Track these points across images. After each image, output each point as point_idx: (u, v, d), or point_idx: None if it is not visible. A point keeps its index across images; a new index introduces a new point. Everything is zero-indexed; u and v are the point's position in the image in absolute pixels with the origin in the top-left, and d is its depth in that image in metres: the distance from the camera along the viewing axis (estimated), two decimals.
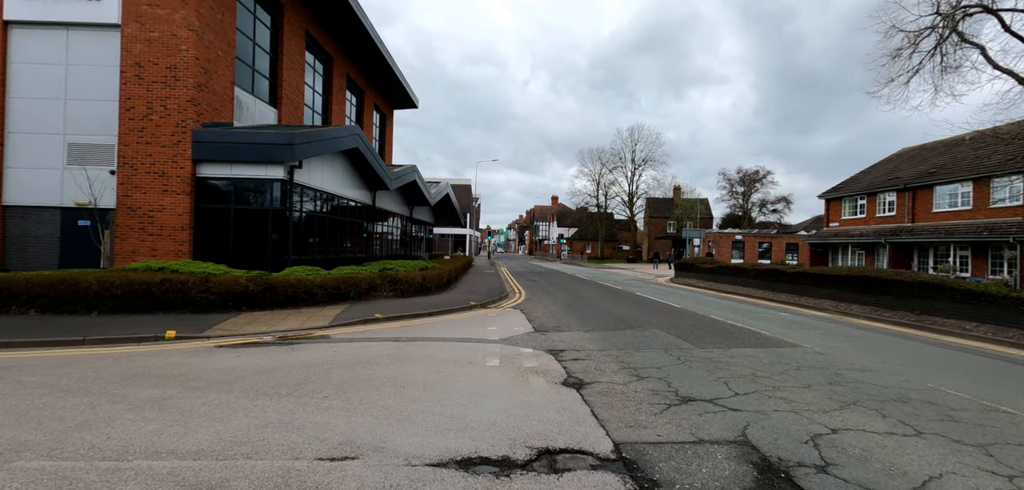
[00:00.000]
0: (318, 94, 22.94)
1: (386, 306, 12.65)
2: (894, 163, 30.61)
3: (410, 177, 24.47)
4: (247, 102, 16.65)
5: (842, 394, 6.12)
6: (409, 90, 31.75)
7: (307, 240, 15.82)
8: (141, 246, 13.58)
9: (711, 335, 10.19)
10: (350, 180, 19.29)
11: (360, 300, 13.55)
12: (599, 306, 14.93)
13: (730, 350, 8.66)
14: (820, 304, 16.28)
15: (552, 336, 9.72)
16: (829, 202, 32.34)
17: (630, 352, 8.32)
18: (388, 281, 14.86)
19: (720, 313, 13.98)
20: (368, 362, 7.16)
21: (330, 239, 17.71)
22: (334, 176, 17.71)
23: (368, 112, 29.32)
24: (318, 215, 16.61)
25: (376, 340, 8.85)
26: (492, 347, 8.51)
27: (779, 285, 19.34)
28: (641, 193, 68.65)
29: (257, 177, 13.95)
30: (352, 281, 13.44)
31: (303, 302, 12.05)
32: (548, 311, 13.59)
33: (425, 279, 16.15)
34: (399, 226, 28.56)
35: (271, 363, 6.98)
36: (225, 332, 9.00)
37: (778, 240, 50.75)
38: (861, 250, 28.65)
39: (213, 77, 14.40)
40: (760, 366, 7.50)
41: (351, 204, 19.62)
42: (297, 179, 14.71)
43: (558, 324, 11.28)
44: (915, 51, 13.16)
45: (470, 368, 7.00)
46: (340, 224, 18.62)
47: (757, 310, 15.27)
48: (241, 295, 11.04)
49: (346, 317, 10.82)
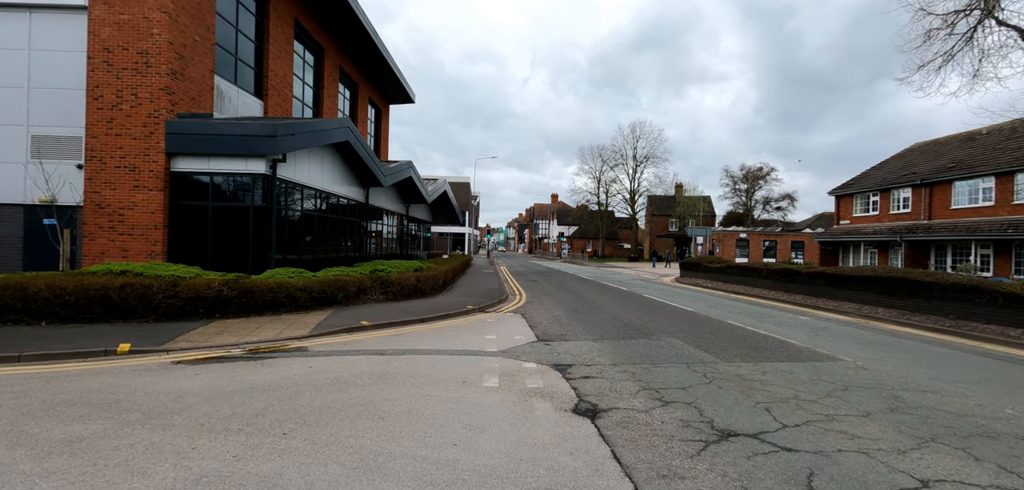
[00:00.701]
0: (309, 87, 21.89)
1: (376, 311, 11.62)
2: (906, 159, 29.58)
3: (405, 173, 23.43)
4: (229, 93, 15.60)
5: (913, 426, 5.09)
6: (405, 84, 30.69)
7: (293, 240, 14.79)
8: (111, 247, 12.54)
9: (734, 345, 9.16)
10: (341, 176, 18.25)
11: (348, 304, 12.52)
12: (606, 310, 13.90)
13: (760, 364, 7.63)
14: (841, 307, 15.26)
15: (557, 347, 8.69)
16: (839, 199, 31.31)
17: (647, 367, 7.29)
18: (379, 283, 13.82)
19: (737, 318, 12.95)
20: (345, 383, 6.13)
21: (319, 239, 16.67)
22: (323, 171, 16.67)
23: (363, 107, 28.26)
24: (306, 213, 15.57)
25: (359, 353, 7.81)
26: (490, 361, 7.48)
27: (794, 286, 18.32)
28: (643, 191, 67.66)
29: (237, 171, 12.91)
30: (339, 284, 12.41)
31: (284, 308, 11.01)
32: (551, 316, 12.57)
33: (419, 281, 15.12)
34: (395, 225, 27.53)
35: (231, 384, 5.95)
36: (189, 344, 7.97)
37: (783, 238, 49.72)
38: (874, 248, 27.63)
39: (189, 64, 13.34)
40: (800, 386, 6.47)
41: (342, 201, 18.59)
42: (281, 174, 13.67)
43: (563, 331, 10.26)
44: (950, 33, 12.12)
45: (464, 391, 5.97)
46: (331, 222, 17.59)
47: (775, 314, 14.25)
48: (213, 301, 10.00)
49: (329, 325, 9.78)
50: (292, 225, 14.73)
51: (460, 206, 58.92)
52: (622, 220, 79.89)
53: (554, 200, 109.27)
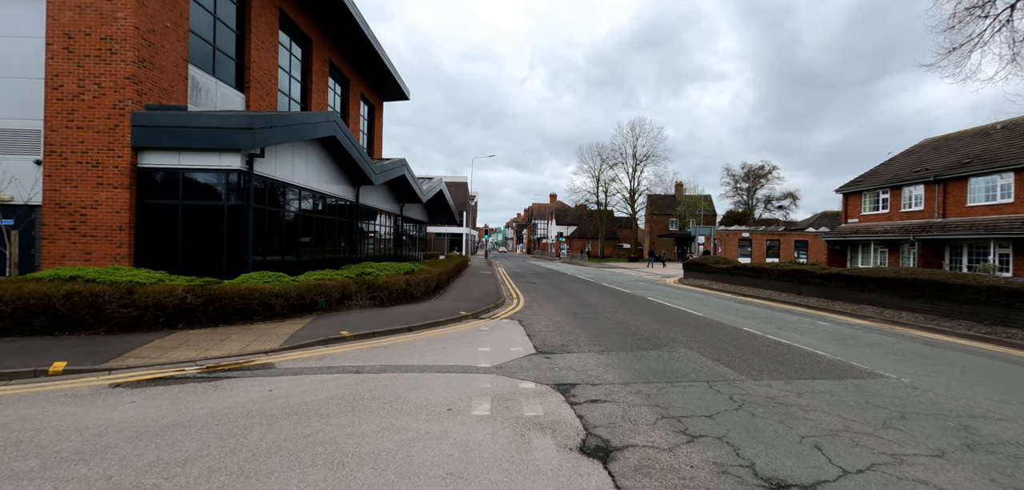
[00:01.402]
0: (296, 81, 20.87)
1: (359, 319, 10.62)
2: (917, 155, 28.64)
3: (398, 171, 22.43)
4: (207, 84, 14.58)
5: (1006, 471, 4.10)
6: (399, 79, 29.68)
7: (274, 241, 13.78)
8: (72, 249, 11.52)
9: (757, 358, 8.18)
10: (329, 174, 17.24)
11: (330, 311, 11.52)
12: (609, 315, 12.91)
13: (793, 383, 6.64)
14: (860, 310, 14.29)
15: (559, 360, 7.70)
16: (847, 197, 30.35)
17: (664, 387, 6.30)
18: (365, 288, 12.82)
19: (752, 324, 11.97)
20: (307, 412, 5.13)
21: (305, 240, 15.66)
22: (309, 169, 15.66)
23: (354, 103, 27.23)
24: (289, 213, 14.56)
25: (332, 371, 6.81)
26: (482, 380, 6.48)
27: (807, 288, 17.34)
28: (642, 190, 66.64)
29: (210, 167, 11.89)
30: (320, 289, 11.40)
31: (257, 316, 10.00)
32: (551, 322, 11.58)
33: (409, 285, 14.12)
34: (390, 225, 26.52)
35: (169, 415, 4.95)
36: (139, 361, 6.95)
37: (786, 237, 48.82)
38: (884, 248, 26.69)
39: (160, 52, 12.32)
40: (849, 412, 5.48)
41: (331, 201, 17.57)
42: (260, 170, 12.66)
43: (564, 341, 9.26)
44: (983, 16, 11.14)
45: (449, 422, 4.97)
46: (317, 223, 16.57)
47: (791, 319, 13.27)
48: (176, 309, 8.98)
49: (305, 336, 8.77)
50: (273, 226, 13.72)
51: (457, 206, 57.89)
52: (621, 220, 78.90)
53: (553, 200, 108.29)
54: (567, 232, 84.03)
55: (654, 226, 71.63)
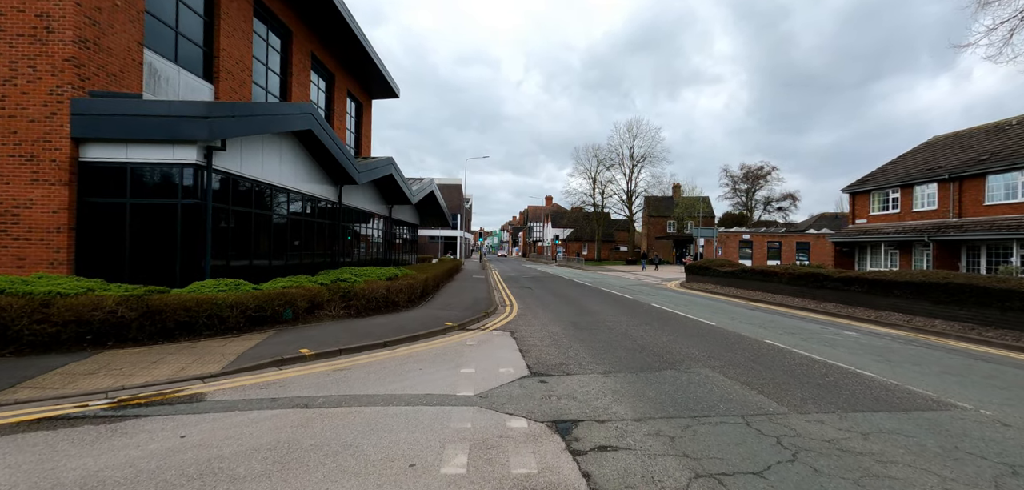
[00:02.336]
0: (274, 74, 19.52)
1: (327, 333, 9.26)
2: (927, 152, 27.52)
3: (384, 170, 21.08)
4: (168, 72, 13.21)
5: None
6: (387, 75, 28.36)
7: (240, 244, 12.41)
8: (2, 255, 10.13)
9: (794, 381, 6.88)
10: (306, 172, 15.89)
11: (297, 324, 10.16)
12: (612, 325, 11.61)
13: (849, 418, 5.33)
14: (884, 318, 13.03)
15: (556, 386, 6.38)
16: (854, 196, 29.18)
17: (689, 425, 4.99)
18: (340, 296, 11.48)
19: (773, 335, 10.69)
20: (218, 475, 3.78)
21: (277, 243, 14.28)
22: (283, 165, 14.31)
23: (340, 100, 25.87)
24: (259, 213, 13.18)
25: (275, 405, 5.47)
26: (461, 416, 5.16)
27: (823, 293, 16.09)
28: (640, 192, 65.43)
29: (161, 160, 10.53)
30: (285, 298, 10.04)
31: (206, 331, 8.63)
32: (547, 334, 10.26)
33: (391, 292, 12.77)
34: (377, 228, 25.17)
35: (21, 485, 3.60)
36: (36, 392, 5.58)
37: (788, 239, 47.73)
38: (895, 249, 25.51)
39: (107, 33, 10.96)
40: (938, 464, 4.17)
41: (309, 201, 16.22)
42: (221, 165, 11.32)
43: (563, 359, 7.95)
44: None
45: (409, 486, 3.64)
46: (293, 224, 15.20)
47: (811, 327, 12.01)
48: (105, 325, 7.61)
49: (256, 355, 7.42)
50: (239, 227, 12.36)
51: (451, 209, 56.54)
52: (618, 222, 77.72)
53: (548, 202, 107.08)
54: (563, 235, 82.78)
55: (652, 228, 70.46)
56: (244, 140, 12.33)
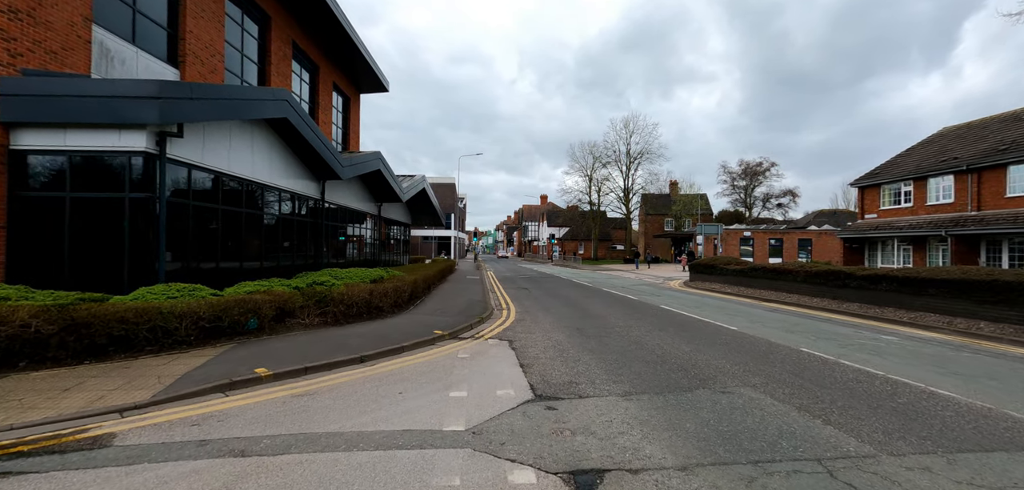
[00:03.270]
0: (251, 62, 18.12)
1: (295, 346, 7.93)
2: (938, 144, 26.45)
3: (371, 165, 19.73)
4: (123, 53, 11.82)
5: None
6: (375, 67, 26.99)
7: (202, 244, 11.05)
8: None
9: (864, 406, 5.62)
10: (283, 165, 14.53)
11: (262, 334, 8.81)
12: (622, 330, 10.34)
13: (961, 460, 4.07)
14: (919, 319, 11.84)
15: (568, 413, 5.10)
16: (863, 190, 28.08)
17: (756, 478, 3.70)
18: (315, 302, 10.14)
19: (808, 342, 9.45)
20: None
21: (249, 243, 12.91)
22: (255, 157, 12.94)
23: (325, 93, 24.46)
24: (227, 210, 11.81)
25: (200, 455, 4.14)
26: (446, 467, 3.86)
27: (846, 292, 14.88)
28: (637, 189, 64.23)
29: (105, 148, 9.15)
30: (248, 306, 8.69)
31: (148, 346, 7.28)
32: (550, 343, 8.97)
33: (375, 296, 11.44)
34: (365, 227, 23.81)
35: None
36: None
37: (790, 236, 46.71)
38: (908, 244, 24.41)
39: (46, 4, 9.57)
40: None
41: (286, 197, 14.85)
42: (180, 154, 9.95)
43: (572, 375, 6.66)
44: None
45: None
46: (267, 222, 13.82)
47: (843, 330, 10.79)
48: (15, 342, 6.24)
49: (200, 377, 6.08)
50: (204, 226, 10.99)
51: (445, 208, 55.15)
52: (615, 220, 76.55)
53: (543, 201, 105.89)
54: (559, 234, 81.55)
55: (649, 226, 69.33)
56: (207, 127, 10.98)
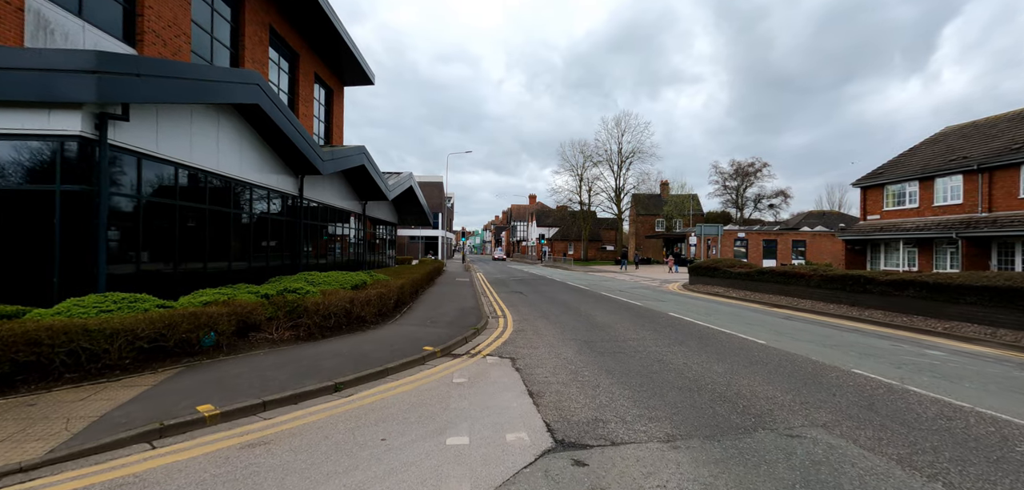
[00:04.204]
0: (223, 46, 16.62)
1: (256, 371, 6.57)
2: (944, 143, 25.75)
3: (354, 160, 18.33)
4: (66, 26, 10.31)
5: None
6: (360, 58, 25.52)
7: (159, 246, 9.59)
8: None
9: (979, 460, 4.44)
10: (255, 158, 13.09)
11: (219, 354, 7.42)
12: (637, 344, 9.11)
13: None
14: (955, 329, 10.81)
15: (604, 473, 3.85)
16: (866, 191, 27.29)
17: None
18: (286, 313, 8.76)
19: (854, 360, 8.31)
20: None
21: (215, 244, 11.46)
22: (220, 147, 11.51)
23: (306, 83, 22.92)
24: (185, 206, 10.37)
25: None
26: None
27: (867, 298, 13.85)
28: (628, 189, 63.30)
29: (31, 131, 7.69)
30: (200, 320, 7.28)
31: (68, 373, 5.86)
32: (560, 361, 7.71)
33: (356, 305, 10.07)
34: (349, 226, 22.36)
35: None
36: None
37: (784, 237, 46.15)
38: (913, 246, 23.63)
39: None
40: None
41: (258, 192, 13.41)
42: (124, 140, 8.51)
43: (596, 410, 5.40)
44: None
45: None
46: (236, 221, 12.37)
47: (882, 344, 9.69)
48: None
49: (122, 420, 4.70)
50: (159, 224, 9.54)
51: (432, 208, 53.67)
52: (605, 221, 75.62)
53: (532, 201, 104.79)
54: (549, 234, 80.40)
55: (640, 227, 68.50)
56: (163, 112, 9.54)
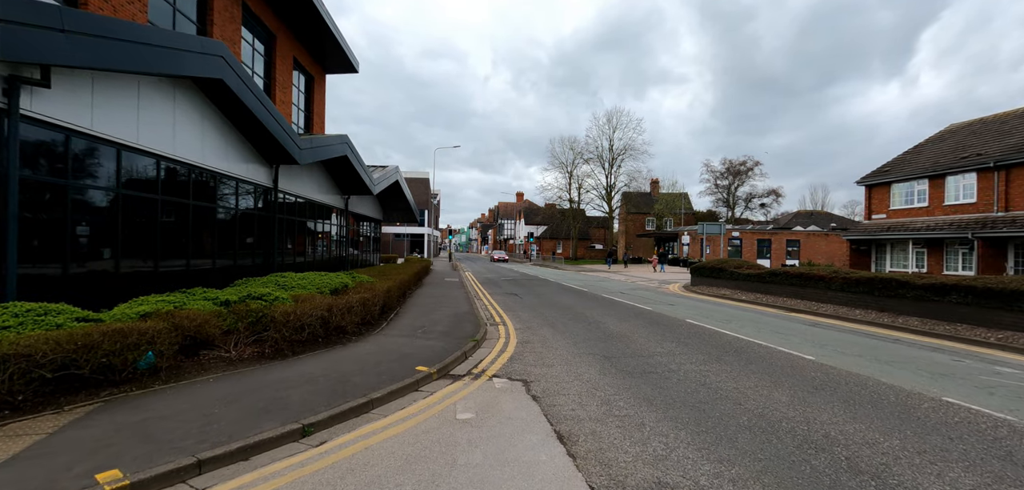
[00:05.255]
0: (188, 19, 14.84)
1: (198, 408, 5.03)
2: (952, 140, 24.91)
3: (335, 150, 16.74)
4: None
5: None
6: (343, 42, 23.76)
7: (96, 241, 7.96)
8: None
9: None
10: (220, 142, 11.45)
11: (156, 381, 5.84)
12: (669, 361, 7.74)
13: None
14: (1012, 340, 9.64)
15: None
16: (871, 189, 26.36)
17: None
18: (248, 325, 7.21)
19: (937, 384, 7.03)
20: None
21: (168, 239, 9.82)
22: (177, 129, 9.86)
23: (284, 68, 21.13)
24: (129, 196, 8.72)
25: None
26: None
27: (898, 303, 12.69)
28: (619, 187, 62.17)
29: None
30: (128, 338, 5.69)
31: None
32: (585, 387, 6.30)
33: (334, 313, 8.53)
34: (334, 223, 20.73)
35: None
36: None
37: (778, 236, 45.50)
38: (923, 247, 22.72)
39: None
40: None
41: (225, 183, 11.77)
42: (46, 112, 6.88)
43: (655, 466, 3.99)
44: None
45: None
46: (198, 214, 10.72)
47: (943, 359, 8.46)
48: None
49: None
50: (91, 216, 7.91)
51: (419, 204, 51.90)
52: (594, 219, 74.52)
53: (520, 198, 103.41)
54: (537, 232, 79.06)
55: (630, 225, 67.49)
56: (100, 81, 7.90)
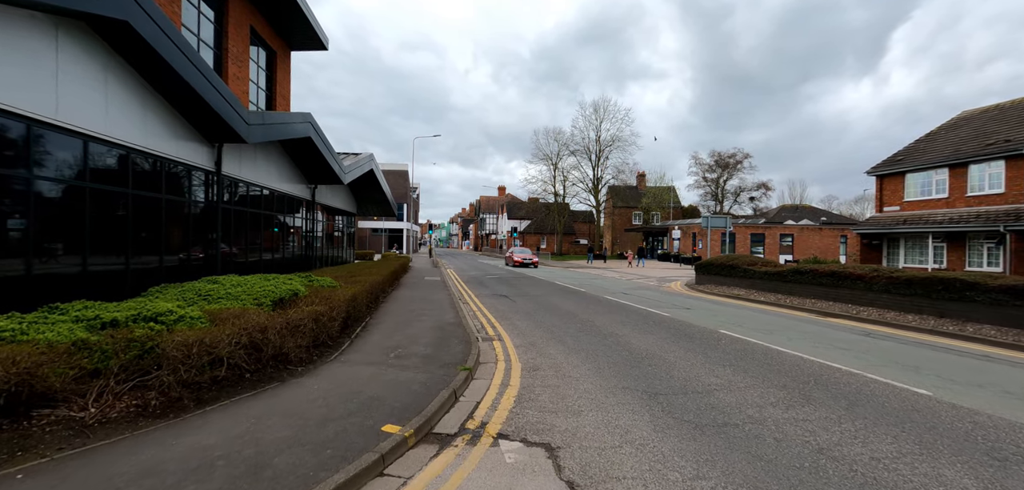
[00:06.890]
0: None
1: None
2: (969, 127, 23.39)
3: (297, 130, 14.22)
4: None
5: None
6: (309, 13, 21.07)
7: None
8: None
9: None
10: (137, 110, 8.86)
11: None
12: (743, 401, 5.56)
13: None
14: None
15: None
16: (882, 179, 24.72)
17: None
18: (122, 367, 4.76)
19: None
20: None
21: (42, 232, 7.26)
22: (64, 86, 7.27)
23: (238, 38, 18.31)
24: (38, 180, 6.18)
25: None
26: None
27: (964, 308, 10.77)
28: (606, 180, 60.24)
29: None
30: None
31: None
32: (642, 458, 4.06)
33: (271, 336, 6.11)
34: (294, 215, 18.12)
35: None
36: None
37: (771, 231, 44.14)
38: (942, 240, 21.12)
39: None
40: None
41: (141, 160, 9.19)
42: None
43: None
44: None
45: None
46: (102, 201, 8.15)
47: None
48: None
49: None
50: None
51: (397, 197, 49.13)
52: (579, 213, 72.58)
53: (502, 192, 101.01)
54: (521, 227, 76.78)
55: (617, 220, 65.69)
56: None
